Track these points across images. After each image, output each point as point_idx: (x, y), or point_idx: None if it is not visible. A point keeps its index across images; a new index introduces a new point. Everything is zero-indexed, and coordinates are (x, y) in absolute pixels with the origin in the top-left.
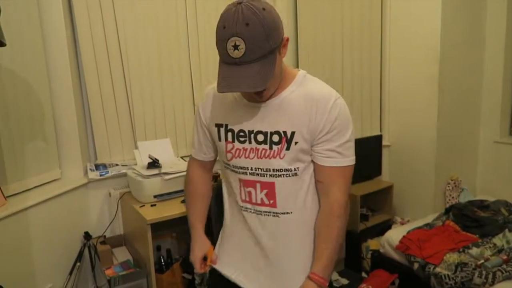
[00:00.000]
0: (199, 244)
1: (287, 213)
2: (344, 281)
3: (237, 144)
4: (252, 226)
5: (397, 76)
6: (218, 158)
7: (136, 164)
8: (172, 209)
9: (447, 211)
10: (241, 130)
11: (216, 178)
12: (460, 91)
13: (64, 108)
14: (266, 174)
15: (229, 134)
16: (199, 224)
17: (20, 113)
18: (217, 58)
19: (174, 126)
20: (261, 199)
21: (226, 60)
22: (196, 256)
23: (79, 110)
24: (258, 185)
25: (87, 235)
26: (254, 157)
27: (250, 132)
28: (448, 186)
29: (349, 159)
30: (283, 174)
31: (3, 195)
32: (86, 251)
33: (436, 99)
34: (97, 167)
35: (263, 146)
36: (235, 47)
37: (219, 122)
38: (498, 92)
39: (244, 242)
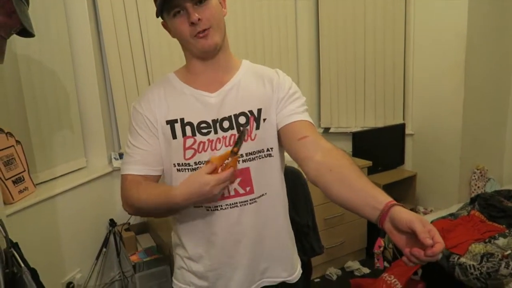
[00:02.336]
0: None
1: (263, 194)
2: (366, 270)
3: (199, 137)
4: (224, 226)
5: (422, 63)
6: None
7: None
8: None
9: (472, 201)
10: (202, 121)
11: None
12: (487, 78)
13: (89, 98)
14: (238, 161)
15: (188, 128)
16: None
17: (48, 103)
18: (245, 47)
19: None
20: (235, 189)
21: None
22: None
23: (103, 100)
24: None
25: (112, 222)
26: (221, 147)
27: (215, 121)
28: (474, 176)
29: (311, 119)
30: (257, 157)
31: (33, 183)
32: (111, 238)
33: (462, 86)
34: (121, 156)
35: (230, 132)
36: None
37: (171, 118)
38: None
39: (220, 255)
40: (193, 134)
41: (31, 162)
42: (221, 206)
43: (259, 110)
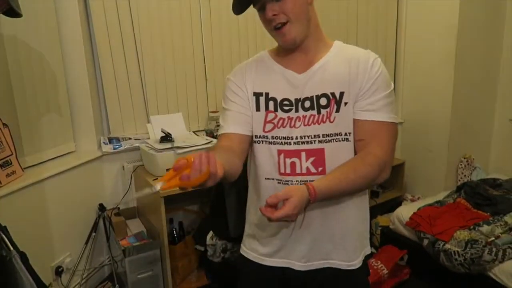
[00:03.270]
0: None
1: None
2: None
3: (280, 113)
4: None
5: (413, 53)
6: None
7: (148, 138)
8: None
9: (458, 189)
10: (285, 99)
11: None
12: (476, 68)
13: (77, 81)
14: (314, 141)
15: (271, 103)
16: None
17: (35, 86)
18: (230, 31)
19: (186, 100)
20: (307, 168)
21: None
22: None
23: (92, 84)
24: (303, 154)
25: (101, 207)
26: (300, 125)
27: (297, 100)
28: (461, 164)
29: (390, 116)
30: (333, 139)
31: (20, 167)
32: (101, 222)
33: (452, 76)
34: (110, 140)
35: (310, 112)
36: None
37: (258, 91)
38: None
39: (284, 224)
40: (275, 110)
41: (19, 146)
42: (292, 181)
43: (341, 94)
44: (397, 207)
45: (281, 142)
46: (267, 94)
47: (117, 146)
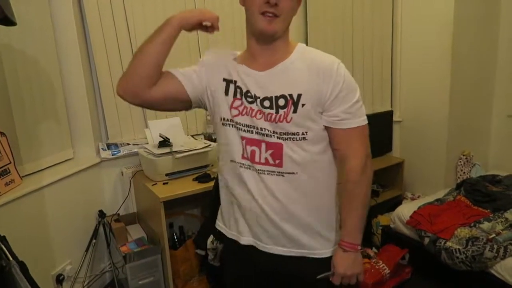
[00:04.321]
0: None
1: (293, 173)
2: None
3: (245, 103)
4: (251, 185)
5: (409, 51)
6: (209, 115)
7: (147, 143)
8: (184, 187)
9: (458, 186)
10: (248, 91)
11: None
12: (473, 65)
13: (74, 88)
14: (273, 136)
15: (238, 91)
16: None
17: (33, 93)
18: (227, 36)
19: None
20: (265, 158)
21: None
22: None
23: (89, 90)
24: (263, 145)
25: (101, 213)
26: (261, 118)
27: (257, 97)
28: (460, 162)
29: (361, 119)
30: (290, 138)
31: (19, 175)
32: (101, 229)
33: (449, 73)
34: (108, 146)
35: (269, 110)
36: None
37: (228, 78)
38: None
39: (247, 205)
40: (241, 98)
41: (17, 154)
42: (249, 167)
43: (299, 95)
44: (398, 206)
45: (244, 129)
46: (235, 82)
47: (116, 152)
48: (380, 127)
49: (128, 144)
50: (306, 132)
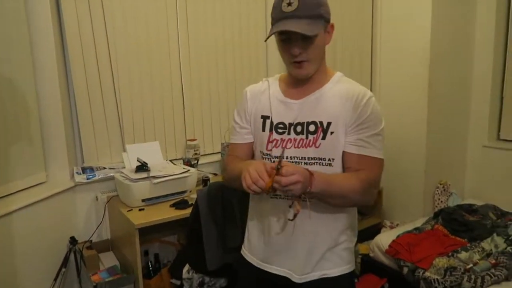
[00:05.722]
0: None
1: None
2: None
3: (275, 135)
4: (277, 212)
5: (387, 82)
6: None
7: (124, 168)
8: (160, 213)
9: (436, 215)
10: (280, 122)
11: (206, 182)
12: (449, 96)
13: (50, 109)
14: (301, 162)
15: (271, 125)
16: None
17: (5, 114)
18: (208, 59)
19: (163, 129)
20: None
21: (278, 16)
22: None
23: (66, 111)
24: None
25: (73, 240)
26: (291, 146)
27: (291, 124)
28: (437, 190)
29: (377, 152)
30: (317, 163)
31: None
32: (72, 256)
33: (426, 104)
34: (84, 170)
35: (300, 136)
36: (289, 4)
37: (265, 114)
38: (486, 97)
39: (267, 230)
40: (271, 131)
41: None
42: (281, 196)
43: (329, 123)
44: (377, 235)
45: (274, 161)
46: (270, 117)
47: (91, 176)
48: None
49: (104, 168)
50: (333, 159)
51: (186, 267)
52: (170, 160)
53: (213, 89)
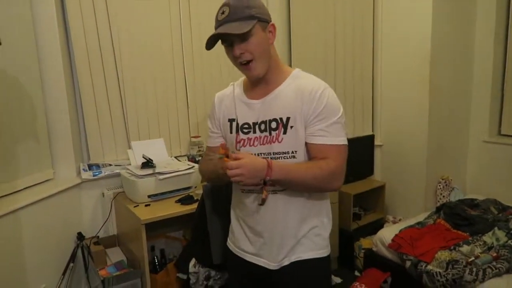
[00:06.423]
0: None
1: (282, 190)
2: (337, 280)
3: (241, 135)
4: (250, 205)
5: (389, 77)
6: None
7: (129, 164)
8: (166, 209)
9: (438, 209)
10: (245, 123)
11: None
12: (450, 91)
13: (56, 107)
14: (268, 157)
15: (237, 127)
16: None
17: (12, 112)
18: (212, 57)
19: (167, 126)
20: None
21: (215, 25)
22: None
23: (72, 109)
24: None
25: (80, 236)
26: (257, 144)
27: (255, 123)
28: (439, 185)
29: (339, 139)
30: (281, 157)
31: None
32: (79, 252)
33: (427, 99)
34: (90, 167)
35: (264, 133)
36: (222, 12)
37: (231, 117)
38: (487, 92)
39: (244, 222)
40: (237, 132)
41: None
42: (253, 191)
43: (288, 119)
44: (379, 229)
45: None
46: (235, 119)
47: (97, 173)
48: (362, 151)
49: (110, 165)
50: (296, 151)
51: (193, 261)
52: (175, 157)
53: (216, 87)
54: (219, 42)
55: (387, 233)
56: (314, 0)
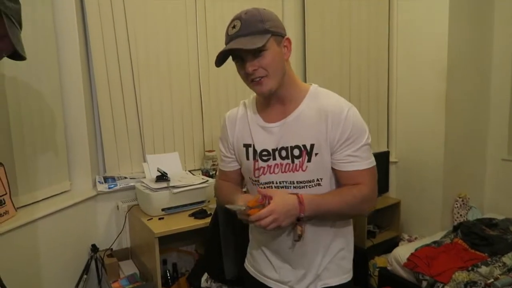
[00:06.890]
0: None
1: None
2: None
3: (260, 163)
4: (274, 234)
5: (404, 93)
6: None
7: (144, 177)
8: (179, 223)
9: (455, 228)
10: (264, 150)
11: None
12: (467, 108)
13: (75, 120)
14: (291, 186)
15: (255, 153)
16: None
17: (33, 125)
18: (227, 72)
19: (182, 140)
20: None
21: (226, 40)
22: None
23: (89, 123)
24: None
25: (94, 248)
26: (278, 172)
27: (274, 150)
28: (456, 204)
29: (368, 162)
30: (306, 185)
31: (14, 206)
32: (93, 264)
33: (443, 116)
34: (105, 179)
35: (286, 161)
36: (233, 26)
37: (247, 142)
38: (506, 109)
39: (266, 248)
40: (255, 159)
41: (13, 185)
42: None
43: (312, 145)
44: (394, 248)
45: (265, 187)
46: (253, 145)
47: (112, 186)
48: (377, 168)
49: (125, 177)
50: (321, 179)
51: (205, 275)
52: (189, 171)
53: (231, 101)
54: (230, 58)
55: (403, 252)
56: (330, 14)
